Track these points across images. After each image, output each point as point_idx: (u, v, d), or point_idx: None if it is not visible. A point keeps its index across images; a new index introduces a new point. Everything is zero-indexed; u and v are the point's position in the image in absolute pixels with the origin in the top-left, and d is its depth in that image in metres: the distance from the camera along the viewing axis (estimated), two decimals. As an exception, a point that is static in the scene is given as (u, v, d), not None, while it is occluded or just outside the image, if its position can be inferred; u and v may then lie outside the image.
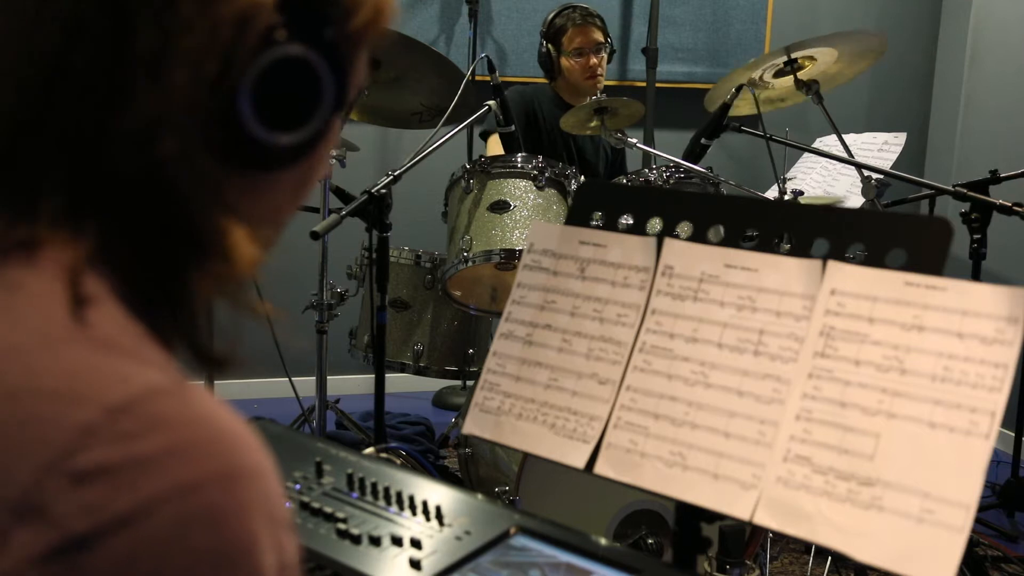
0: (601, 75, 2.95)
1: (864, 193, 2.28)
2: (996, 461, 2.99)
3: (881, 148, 2.80)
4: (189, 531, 0.45)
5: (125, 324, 0.50)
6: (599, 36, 2.92)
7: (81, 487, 0.44)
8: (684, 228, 1.12)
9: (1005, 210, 2.04)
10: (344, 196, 2.39)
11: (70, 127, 0.51)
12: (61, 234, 0.51)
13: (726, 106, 2.39)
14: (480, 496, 1.02)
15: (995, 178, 2.29)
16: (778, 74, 2.54)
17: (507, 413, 1.13)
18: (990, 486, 2.87)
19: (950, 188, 2.15)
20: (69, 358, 0.47)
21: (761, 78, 2.55)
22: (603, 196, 1.22)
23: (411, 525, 0.97)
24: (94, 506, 0.44)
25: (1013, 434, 2.90)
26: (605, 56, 2.96)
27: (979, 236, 2.23)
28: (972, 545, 2.43)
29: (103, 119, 0.51)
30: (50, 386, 0.46)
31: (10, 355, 0.47)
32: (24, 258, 0.50)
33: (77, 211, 0.51)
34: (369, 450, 2.15)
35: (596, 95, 2.60)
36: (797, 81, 2.46)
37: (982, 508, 2.75)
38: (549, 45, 2.95)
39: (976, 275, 2.28)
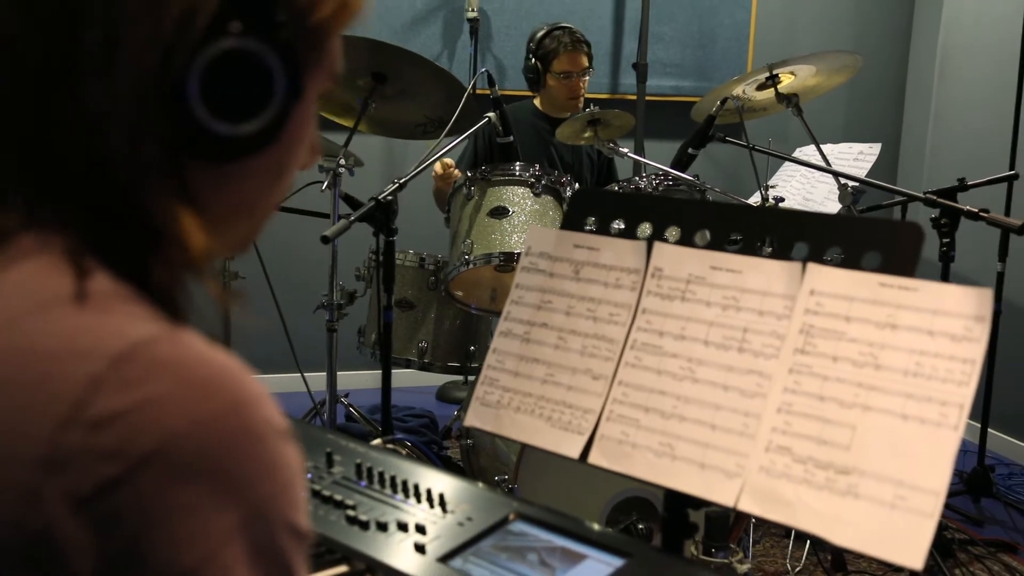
0: (583, 96, 2.95)
1: (841, 199, 2.28)
2: (964, 451, 2.99)
3: (857, 157, 2.80)
4: (212, 458, 0.46)
5: (114, 287, 0.50)
6: (585, 62, 2.91)
7: (100, 433, 0.44)
8: (672, 232, 1.12)
9: (972, 216, 2.05)
10: (353, 203, 2.39)
11: (25, 121, 0.50)
12: (38, 220, 0.50)
13: (711, 118, 2.40)
14: (481, 484, 1.02)
15: (963, 186, 2.30)
16: (760, 87, 2.54)
17: (506, 407, 1.12)
18: (958, 474, 2.88)
19: (921, 195, 2.15)
20: (63, 320, 0.48)
21: (744, 92, 2.55)
22: (596, 202, 1.22)
23: (416, 512, 0.96)
24: (117, 449, 0.44)
25: (979, 425, 2.90)
26: (588, 79, 2.96)
27: (948, 240, 2.22)
28: (941, 529, 2.43)
29: (54, 112, 0.50)
30: (51, 347, 0.46)
31: (8, 325, 0.48)
32: (5, 244, 0.50)
33: (46, 200, 0.51)
34: (376, 441, 2.15)
35: (577, 113, 2.60)
36: (778, 94, 2.46)
37: (951, 495, 2.76)
38: (537, 63, 2.94)
39: (945, 276, 2.28)
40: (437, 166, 2.72)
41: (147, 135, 0.50)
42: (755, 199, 2.71)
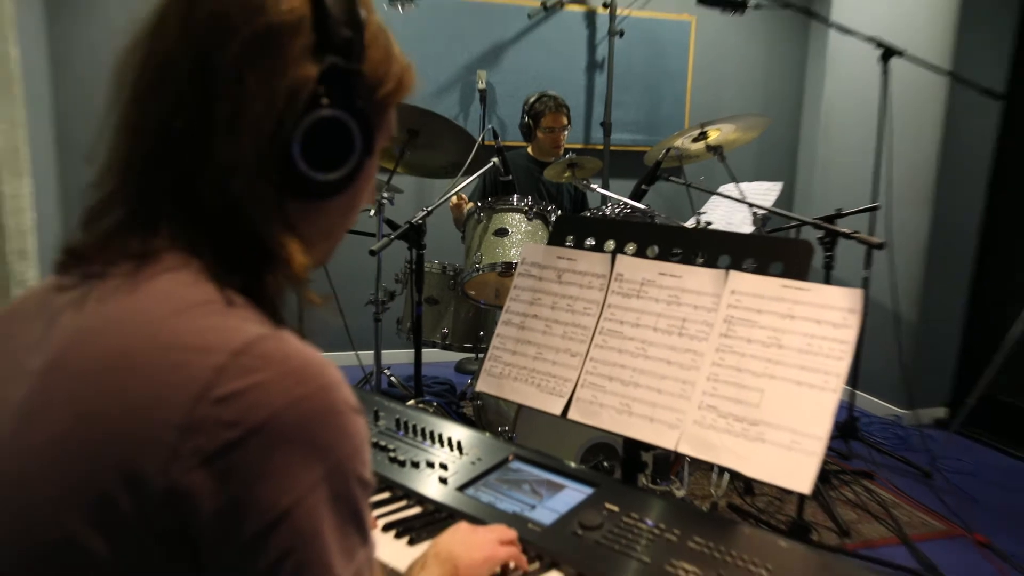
0: (563, 146, 2.95)
1: (753, 223, 2.28)
2: (841, 407, 2.99)
3: (765, 192, 2.80)
4: (306, 427, 0.46)
5: (233, 296, 0.50)
6: (565, 120, 2.92)
7: (223, 408, 0.45)
8: (630, 247, 1.12)
9: (846, 235, 2.05)
10: (392, 225, 2.38)
11: (172, 172, 0.51)
12: (179, 244, 0.51)
13: (658, 163, 2.39)
14: (488, 434, 1.02)
15: (839, 214, 2.31)
16: (694, 140, 2.54)
17: (507, 377, 1.13)
18: (836, 424, 2.88)
19: (811, 220, 2.15)
20: (196, 321, 0.48)
21: (682, 143, 2.55)
22: (574, 225, 1.22)
23: (440, 454, 0.97)
24: (236, 420, 0.45)
25: (850, 388, 2.91)
26: (567, 133, 2.97)
27: (830, 254, 2.23)
28: (823, 464, 2.43)
29: (196, 166, 0.50)
30: (188, 341, 0.47)
31: (158, 322, 0.48)
32: (153, 262, 0.51)
33: (187, 229, 0.51)
34: (410, 402, 2.15)
35: (559, 158, 2.60)
36: (707, 146, 2.46)
37: (829, 438, 2.76)
38: (529, 120, 2.95)
39: (828, 280, 2.28)
40: (453, 199, 2.72)
41: (263, 181, 0.51)
42: (691, 223, 2.71)
